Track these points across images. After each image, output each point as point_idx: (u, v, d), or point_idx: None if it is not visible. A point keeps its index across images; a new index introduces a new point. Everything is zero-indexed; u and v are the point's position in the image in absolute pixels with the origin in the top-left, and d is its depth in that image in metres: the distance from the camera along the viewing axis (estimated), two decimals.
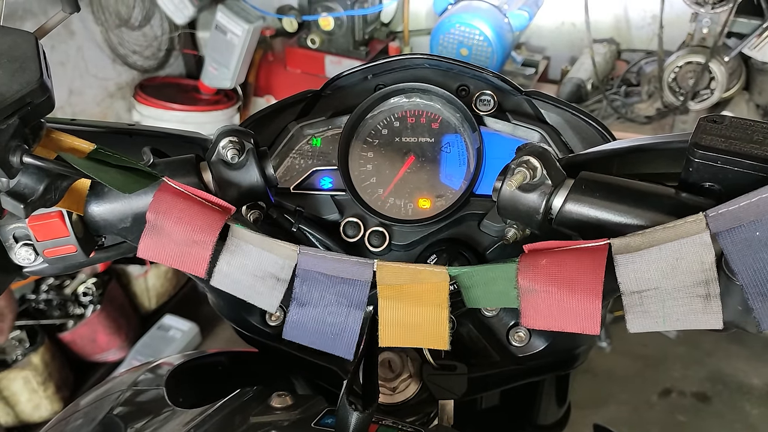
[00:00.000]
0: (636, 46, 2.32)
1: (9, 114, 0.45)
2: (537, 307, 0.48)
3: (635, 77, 2.21)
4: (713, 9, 1.72)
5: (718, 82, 1.81)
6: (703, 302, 0.45)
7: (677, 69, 1.85)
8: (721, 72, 1.80)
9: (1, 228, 0.56)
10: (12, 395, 1.97)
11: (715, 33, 1.79)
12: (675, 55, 1.85)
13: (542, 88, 2.35)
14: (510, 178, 0.52)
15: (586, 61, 2.21)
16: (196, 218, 0.52)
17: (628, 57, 2.34)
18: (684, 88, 1.87)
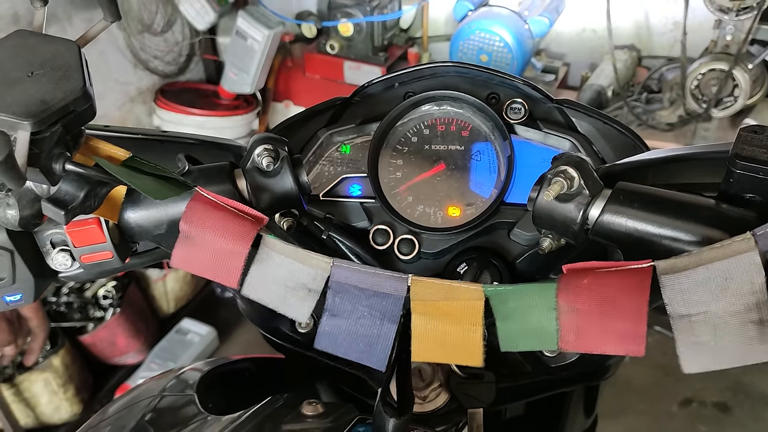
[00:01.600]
0: (657, 53, 2.31)
1: (53, 122, 0.45)
2: (578, 330, 0.47)
3: (656, 84, 2.20)
4: (737, 16, 1.70)
5: (741, 89, 1.80)
6: (758, 329, 0.44)
7: (700, 76, 1.84)
8: (745, 79, 1.79)
9: (38, 234, 0.56)
10: (32, 397, 1.98)
11: (738, 40, 1.77)
12: (698, 62, 1.84)
13: (561, 95, 2.34)
14: (547, 188, 0.51)
15: (607, 68, 2.20)
16: (229, 228, 0.52)
17: (648, 63, 2.32)
18: (707, 95, 1.86)
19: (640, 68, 2.33)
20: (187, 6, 2.21)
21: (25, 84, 0.46)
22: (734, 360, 0.44)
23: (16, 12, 1.92)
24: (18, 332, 1.21)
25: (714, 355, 0.44)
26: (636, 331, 0.45)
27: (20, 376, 1.94)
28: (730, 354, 0.44)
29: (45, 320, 1.25)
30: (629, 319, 0.45)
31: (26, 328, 1.23)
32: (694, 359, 0.45)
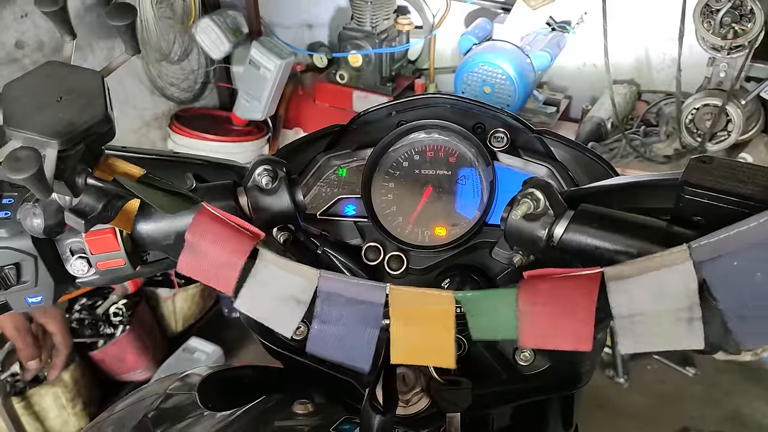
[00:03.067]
0: (657, 88, 2.38)
1: (78, 141, 0.52)
2: (535, 328, 0.52)
3: (655, 117, 2.26)
4: (729, 54, 1.77)
5: (734, 124, 1.86)
6: (687, 325, 0.50)
7: (695, 111, 1.90)
8: (738, 114, 1.84)
9: (59, 242, 0.63)
10: (42, 410, 2.04)
11: (731, 77, 1.83)
12: (692, 97, 1.90)
13: (563, 127, 2.41)
14: (516, 209, 0.57)
15: (606, 101, 2.26)
16: (229, 241, 0.58)
17: (648, 98, 2.39)
18: (701, 129, 1.91)
19: (639, 102, 2.40)
20: (203, 36, 2.30)
21: (54, 108, 0.53)
22: (664, 346, 0.50)
23: (40, 39, 2.02)
24: (42, 347, 1.26)
25: (647, 343, 0.50)
26: (585, 329, 0.51)
27: (31, 389, 2.00)
28: (662, 342, 0.50)
29: (68, 337, 1.31)
30: (580, 318, 0.50)
31: (50, 344, 1.29)
32: (632, 345, 0.51)
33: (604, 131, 2.24)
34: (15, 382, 2.00)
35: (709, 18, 1.75)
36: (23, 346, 1.22)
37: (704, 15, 1.75)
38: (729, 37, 1.73)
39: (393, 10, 2.54)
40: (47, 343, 1.28)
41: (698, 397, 2.27)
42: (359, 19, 2.46)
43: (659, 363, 2.40)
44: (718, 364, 2.35)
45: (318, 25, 2.84)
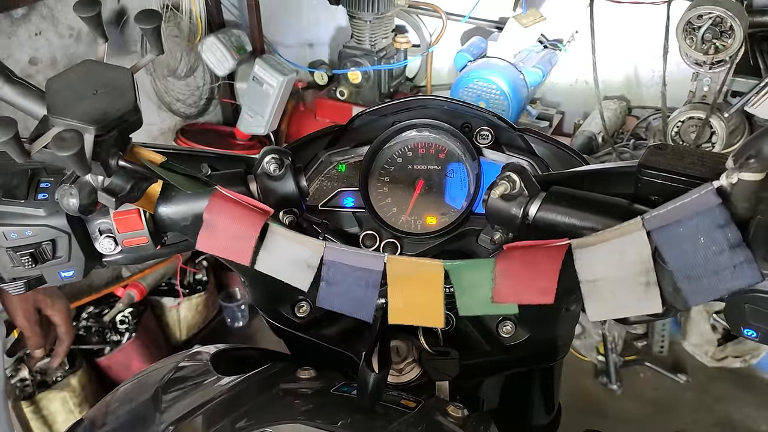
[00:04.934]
0: (645, 103, 2.46)
1: (111, 128, 0.60)
2: (508, 286, 0.60)
3: (644, 132, 2.34)
4: (711, 69, 1.85)
5: (718, 136, 1.94)
6: (645, 288, 0.57)
7: (680, 123, 1.98)
8: (721, 127, 1.92)
9: (89, 222, 0.70)
10: (50, 414, 2.09)
11: (714, 91, 1.92)
12: (677, 111, 1.98)
13: None
14: (494, 189, 0.65)
15: (597, 116, 2.35)
16: (243, 218, 0.65)
17: (638, 113, 2.47)
18: (687, 141, 1.99)
19: (630, 117, 2.48)
20: (208, 54, 2.40)
21: (91, 99, 0.61)
22: (626, 312, 0.58)
23: (54, 56, 2.12)
24: (47, 337, 1.34)
25: (611, 309, 0.58)
26: (549, 285, 0.58)
27: (39, 394, 2.06)
28: (623, 307, 0.57)
29: (71, 329, 1.38)
30: (545, 278, 0.58)
31: (54, 335, 1.36)
32: (598, 311, 0.58)
33: (595, 144, 2.32)
34: (24, 387, 2.06)
35: (692, 35, 1.83)
36: (31, 334, 1.29)
37: (687, 32, 1.84)
38: (710, 53, 1.81)
39: (391, 29, 2.64)
40: (51, 334, 1.36)
41: (690, 404, 2.33)
42: (359, 38, 2.55)
43: (651, 370, 2.45)
44: (709, 371, 2.40)
45: (319, 44, 2.94)
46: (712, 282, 0.54)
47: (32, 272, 0.69)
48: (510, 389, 0.90)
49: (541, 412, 0.95)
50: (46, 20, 2.06)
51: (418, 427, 0.64)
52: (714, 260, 0.54)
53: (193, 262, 2.65)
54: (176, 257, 2.51)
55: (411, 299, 0.64)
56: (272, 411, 0.61)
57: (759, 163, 0.52)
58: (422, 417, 0.66)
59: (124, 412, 0.68)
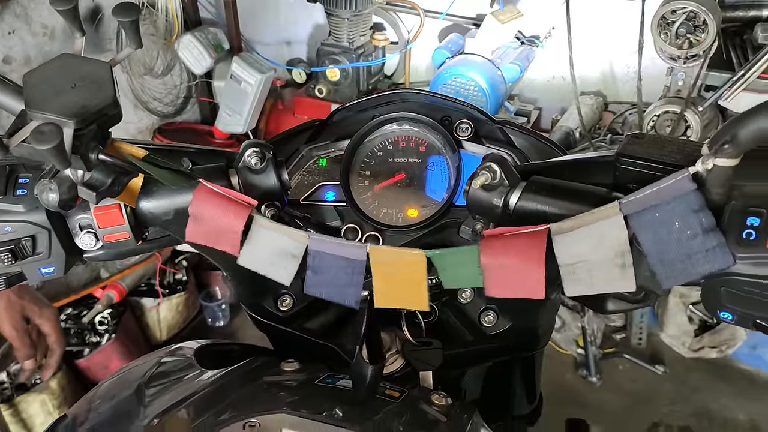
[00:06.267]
0: (622, 99, 2.50)
1: (90, 122, 0.59)
2: (496, 279, 0.61)
3: (620, 126, 2.37)
4: (685, 64, 1.88)
5: (693, 129, 1.97)
6: (621, 270, 0.58)
7: (655, 118, 2.01)
8: (696, 121, 1.96)
9: (69, 218, 0.70)
10: (29, 417, 2.07)
11: (688, 85, 1.95)
12: (653, 105, 2.01)
13: None
14: (475, 180, 0.66)
15: (574, 112, 2.37)
16: (228, 210, 0.65)
17: (614, 108, 2.50)
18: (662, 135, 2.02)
19: (606, 113, 2.51)
20: (185, 52, 2.38)
21: (69, 93, 0.60)
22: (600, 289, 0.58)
23: (27, 54, 2.09)
24: (37, 348, 1.31)
25: (589, 288, 0.59)
26: (536, 277, 0.59)
27: (18, 396, 2.03)
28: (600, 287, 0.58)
29: (62, 338, 1.35)
30: (532, 267, 0.59)
31: (44, 345, 1.33)
32: (574, 288, 0.59)
33: (573, 140, 2.34)
34: (2, 390, 2.03)
35: (666, 29, 1.86)
36: (20, 345, 1.26)
37: (661, 27, 1.86)
38: (684, 47, 1.84)
39: (369, 26, 2.64)
40: (42, 344, 1.33)
41: (668, 395, 2.36)
42: (337, 35, 2.55)
43: (630, 362, 2.49)
44: (687, 362, 2.44)
45: (297, 42, 2.93)
46: (685, 265, 0.56)
47: (12, 269, 0.68)
48: (492, 379, 0.90)
49: (523, 402, 0.96)
50: (20, 19, 2.04)
51: (403, 416, 0.64)
52: (688, 244, 0.55)
53: (172, 263, 2.63)
54: (155, 257, 2.50)
55: (395, 285, 0.65)
56: (257, 402, 0.61)
57: (733, 149, 0.54)
58: (407, 406, 0.66)
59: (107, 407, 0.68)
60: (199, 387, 0.67)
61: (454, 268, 0.64)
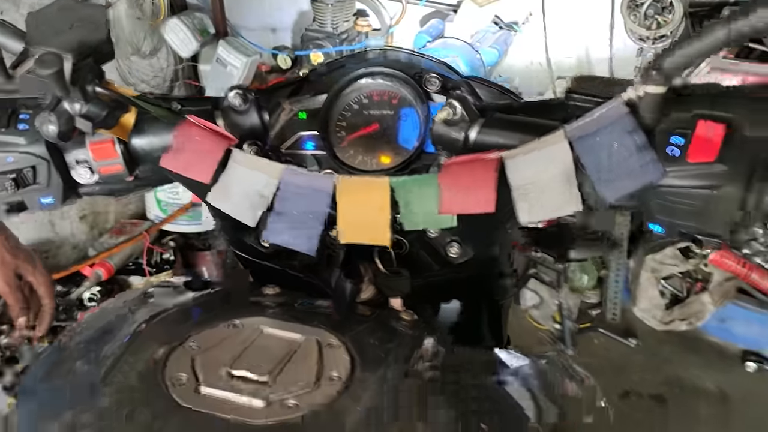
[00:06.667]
0: None
1: (87, 56, 0.66)
2: (451, 198, 0.68)
3: None
4: (653, 44, 1.97)
5: None
6: (568, 190, 0.66)
7: None
8: None
9: (66, 153, 0.76)
10: None
11: None
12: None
13: None
14: (438, 114, 0.73)
15: (551, 95, 2.45)
16: (209, 141, 0.72)
17: None
18: None
19: None
20: (172, 36, 2.43)
21: (68, 33, 0.67)
22: (552, 213, 0.66)
23: None
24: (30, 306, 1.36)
25: (539, 211, 0.66)
26: (487, 194, 0.66)
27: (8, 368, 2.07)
28: (549, 209, 0.65)
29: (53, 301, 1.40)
30: (484, 187, 0.66)
31: (37, 304, 1.38)
32: (527, 214, 0.66)
33: None
34: None
35: (635, 11, 1.94)
36: (13, 302, 1.31)
37: (630, 9, 1.95)
38: (653, 28, 1.92)
39: (353, 13, 2.70)
40: (34, 303, 1.38)
41: (640, 365, 2.45)
42: (321, 21, 2.61)
43: (605, 336, 2.57)
44: (658, 335, 2.53)
45: (282, 29, 2.99)
46: (623, 181, 0.63)
47: (14, 197, 0.74)
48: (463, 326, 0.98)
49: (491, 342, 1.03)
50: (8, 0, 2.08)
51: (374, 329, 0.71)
52: (625, 162, 0.63)
53: (160, 243, 2.68)
54: (143, 236, 2.55)
55: (359, 218, 0.71)
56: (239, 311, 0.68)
57: (659, 77, 0.61)
58: (378, 321, 0.73)
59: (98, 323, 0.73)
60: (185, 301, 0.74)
61: (416, 201, 0.71)
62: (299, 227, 0.71)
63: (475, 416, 0.61)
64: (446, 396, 0.61)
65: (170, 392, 0.55)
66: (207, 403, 0.54)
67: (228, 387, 0.56)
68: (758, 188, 0.60)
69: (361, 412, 0.53)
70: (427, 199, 0.70)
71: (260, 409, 0.54)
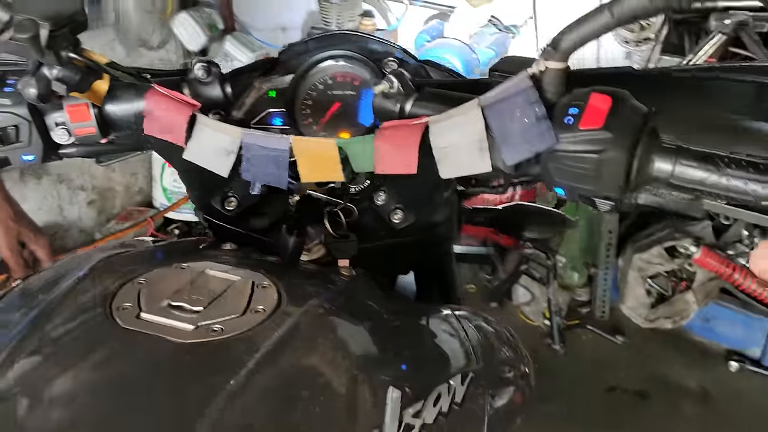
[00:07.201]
0: None
1: (62, 25, 0.75)
2: (382, 159, 0.76)
3: None
4: (637, 46, 2.03)
5: None
6: (480, 152, 0.73)
7: None
8: None
9: (46, 115, 0.85)
10: None
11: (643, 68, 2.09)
12: None
13: None
14: (376, 88, 0.81)
15: None
16: (174, 108, 0.81)
17: None
18: None
19: None
20: (180, 29, 2.55)
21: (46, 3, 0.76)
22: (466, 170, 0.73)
23: None
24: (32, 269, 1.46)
25: (456, 168, 0.73)
26: (411, 157, 0.74)
27: None
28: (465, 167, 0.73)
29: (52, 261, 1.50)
30: (407, 149, 0.74)
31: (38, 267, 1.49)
32: (447, 170, 0.74)
33: None
34: None
35: None
36: (15, 266, 1.42)
37: None
38: (636, 31, 1.99)
39: (359, 13, 2.80)
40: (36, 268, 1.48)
41: (626, 362, 2.50)
42: (326, 20, 2.71)
43: (593, 333, 2.63)
44: (644, 333, 2.58)
45: (291, 29, 3.09)
46: (524, 146, 0.71)
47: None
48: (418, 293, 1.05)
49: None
50: None
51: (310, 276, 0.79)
52: (526, 129, 0.70)
53: (164, 230, 2.79)
54: (147, 223, 2.66)
55: (314, 164, 0.80)
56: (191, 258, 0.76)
57: (558, 54, 0.69)
58: (317, 272, 0.81)
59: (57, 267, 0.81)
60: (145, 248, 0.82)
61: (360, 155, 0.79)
62: (267, 171, 0.80)
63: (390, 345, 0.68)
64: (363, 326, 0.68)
65: (114, 317, 0.63)
66: (144, 325, 0.62)
67: (165, 314, 0.64)
68: (640, 155, 0.67)
69: (276, 338, 0.61)
70: (367, 157, 0.78)
71: (189, 332, 0.62)
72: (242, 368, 0.57)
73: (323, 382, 0.60)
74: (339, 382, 0.60)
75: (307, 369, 0.61)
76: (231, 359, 0.59)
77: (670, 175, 0.68)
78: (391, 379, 0.62)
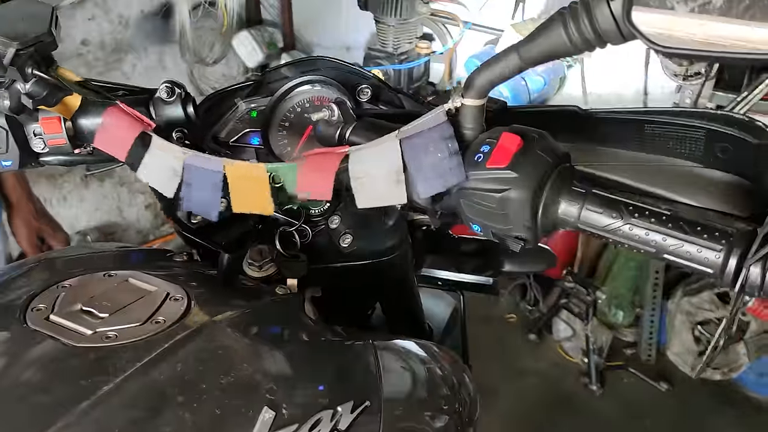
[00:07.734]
0: None
1: (29, 45, 0.81)
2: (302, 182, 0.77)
3: None
4: (686, 80, 1.94)
5: None
6: (396, 185, 0.73)
7: None
8: None
9: (26, 125, 0.92)
10: None
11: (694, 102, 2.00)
12: None
13: None
14: (315, 114, 0.83)
15: None
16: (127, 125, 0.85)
17: None
18: None
19: None
20: (240, 47, 2.66)
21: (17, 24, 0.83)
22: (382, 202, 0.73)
23: (103, 39, 2.42)
24: None
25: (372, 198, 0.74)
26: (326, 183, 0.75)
27: None
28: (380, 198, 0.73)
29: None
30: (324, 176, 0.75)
31: None
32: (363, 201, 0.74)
33: None
34: None
35: None
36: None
37: None
38: (685, 64, 1.90)
39: (416, 35, 2.82)
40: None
41: (667, 412, 2.37)
42: (383, 42, 2.75)
43: (635, 377, 2.51)
44: (692, 383, 2.43)
45: (356, 48, 3.16)
46: (437, 180, 0.70)
47: None
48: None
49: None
50: (99, 7, 2.37)
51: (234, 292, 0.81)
52: (438, 163, 0.70)
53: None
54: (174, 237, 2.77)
55: (246, 193, 0.82)
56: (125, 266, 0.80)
57: (473, 92, 0.69)
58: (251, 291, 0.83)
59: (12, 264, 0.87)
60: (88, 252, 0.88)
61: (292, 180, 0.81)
62: (204, 196, 0.83)
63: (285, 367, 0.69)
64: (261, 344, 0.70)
65: (26, 317, 0.68)
66: (49, 327, 0.66)
67: (72, 318, 0.68)
68: (546, 196, 0.66)
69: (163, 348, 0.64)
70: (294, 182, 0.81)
71: (85, 336, 0.65)
72: (120, 375, 0.60)
73: (196, 394, 0.62)
74: (212, 395, 0.62)
75: (184, 380, 0.63)
76: (112, 366, 0.62)
77: (576, 219, 0.66)
78: (269, 399, 0.63)
